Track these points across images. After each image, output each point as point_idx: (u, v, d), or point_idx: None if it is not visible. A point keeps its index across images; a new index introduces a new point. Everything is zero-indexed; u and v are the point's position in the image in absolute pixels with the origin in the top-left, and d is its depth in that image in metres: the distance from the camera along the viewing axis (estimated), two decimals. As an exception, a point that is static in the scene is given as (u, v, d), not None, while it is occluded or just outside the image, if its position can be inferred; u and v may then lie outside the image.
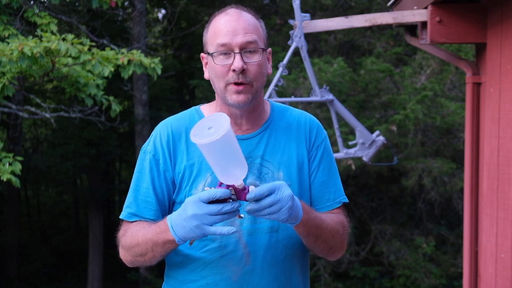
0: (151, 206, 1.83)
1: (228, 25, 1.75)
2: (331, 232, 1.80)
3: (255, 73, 1.77)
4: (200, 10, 13.25)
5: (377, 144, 5.00)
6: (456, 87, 9.80)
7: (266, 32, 1.85)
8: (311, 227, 1.73)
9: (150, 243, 1.72)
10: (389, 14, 4.19)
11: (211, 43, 1.79)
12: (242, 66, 1.74)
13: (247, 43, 1.75)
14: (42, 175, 16.28)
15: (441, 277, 9.77)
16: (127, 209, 1.86)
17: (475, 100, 3.91)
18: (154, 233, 1.71)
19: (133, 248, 1.78)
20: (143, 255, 1.76)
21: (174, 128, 1.86)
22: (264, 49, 1.79)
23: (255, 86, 1.78)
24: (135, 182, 1.87)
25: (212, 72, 1.80)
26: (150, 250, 1.73)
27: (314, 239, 1.77)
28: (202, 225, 1.58)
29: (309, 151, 1.89)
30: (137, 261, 1.81)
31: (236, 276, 1.79)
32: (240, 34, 1.74)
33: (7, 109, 7.78)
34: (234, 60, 1.74)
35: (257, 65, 1.77)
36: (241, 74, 1.75)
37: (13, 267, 14.54)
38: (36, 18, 7.04)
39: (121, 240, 1.84)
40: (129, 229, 1.82)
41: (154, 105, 13.15)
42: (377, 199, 11.19)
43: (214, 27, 1.79)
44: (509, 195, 3.50)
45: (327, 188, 1.89)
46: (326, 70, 9.16)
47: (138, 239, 1.76)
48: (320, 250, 1.83)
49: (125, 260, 1.86)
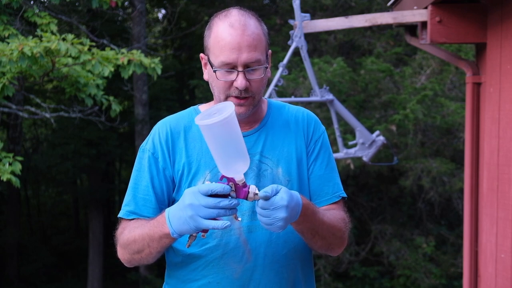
0: (150, 204, 1.82)
1: (232, 41, 1.72)
2: (330, 229, 1.80)
3: (257, 88, 1.78)
4: (200, 10, 13.25)
5: (377, 144, 5.00)
6: (456, 87, 9.80)
7: (267, 33, 1.84)
8: (306, 225, 1.72)
9: (147, 238, 1.70)
10: (389, 14, 4.19)
11: (214, 56, 1.77)
12: (245, 85, 1.74)
13: (251, 62, 1.74)
14: (42, 175, 16.28)
15: (441, 277, 9.77)
16: (126, 207, 1.85)
17: (475, 100, 3.91)
18: (151, 227, 1.70)
19: (130, 245, 1.76)
20: (139, 252, 1.75)
21: (173, 126, 1.86)
22: (266, 67, 1.79)
23: (257, 97, 1.80)
24: (134, 181, 1.86)
25: (213, 82, 1.80)
26: (147, 246, 1.72)
27: (310, 236, 1.77)
28: (196, 216, 1.56)
29: (307, 145, 1.90)
30: (134, 259, 1.79)
31: (238, 273, 1.79)
32: (244, 52, 1.72)
33: (7, 109, 7.78)
34: (238, 78, 1.74)
35: (259, 80, 1.78)
36: (243, 90, 1.75)
37: (13, 267, 14.53)
38: (36, 18, 7.04)
39: (119, 238, 1.82)
40: (127, 227, 1.81)
41: (154, 105, 13.14)
42: (377, 199, 11.19)
43: (217, 37, 1.75)
44: (509, 195, 3.50)
45: (325, 182, 1.89)
46: (326, 70, 9.16)
47: (135, 235, 1.74)
48: (318, 247, 1.83)
49: (122, 259, 1.84)
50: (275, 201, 1.57)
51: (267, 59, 1.81)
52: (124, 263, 1.86)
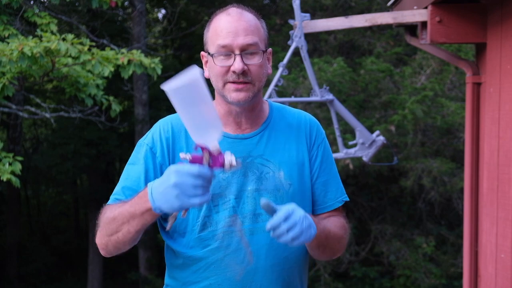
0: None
1: (229, 26, 1.75)
2: (336, 240, 1.83)
3: (256, 73, 1.77)
4: (200, 10, 13.25)
5: (377, 144, 5.00)
6: (456, 87, 9.79)
7: (267, 32, 1.85)
8: (321, 239, 1.74)
9: (127, 215, 1.65)
10: (389, 14, 4.19)
11: (211, 43, 1.78)
12: (242, 68, 1.74)
13: (248, 45, 1.75)
14: (42, 175, 16.27)
15: (441, 277, 9.76)
16: (114, 196, 1.81)
17: (475, 100, 3.91)
18: (132, 204, 1.65)
19: (108, 224, 1.71)
20: (117, 230, 1.69)
21: (175, 125, 1.86)
22: (264, 51, 1.79)
23: (257, 85, 1.79)
24: (126, 171, 1.84)
25: (212, 71, 1.80)
26: (126, 223, 1.66)
27: (323, 249, 1.79)
28: (183, 195, 1.52)
29: (310, 150, 1.89)
30: (111, 241, 1.73)
31: (239, 275, 1.79)
32: (241, 35, 1.74)
33: (7, 109, 7.78)
34: (235, 62, 1.74)
35: (258, 66, 1.77)
36: (241, 74, 1.75)
37: (13, 267, 14.53)
38: (36, 18, 7.03)
39: (99, 221, 1.77)
40: (108, 209, 1.76)
41: (154, 105, 13.14)
42: (377, 199, 11.19)
43: (215, 27, 1.78)
44: (509, 195, 3.50)
45: (329, 187, 1.90)
46: (326, 70, 9.16)
47: (115, 214, 1.69)
48: (326, 257, 1.86)
49: (100, 243, 1.78)
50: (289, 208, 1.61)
51: (266, 50, 1.81)
52: (100, 249, 1.80)
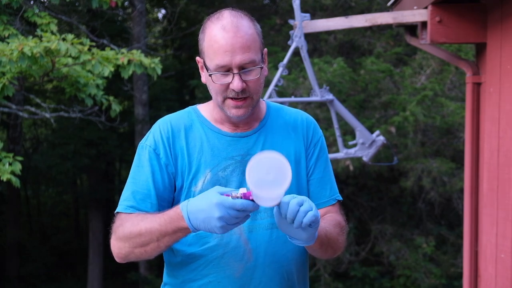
0: (149, 199, 1.80)
1: (225, 44, 1.72)
2: (336, 239, 1.83)
3: (254, 88, 1.78)
4: (200, 10, 13.25)
5: (377, 144, 5.00)
6: (456, 87, 9.79)
7: (261, 32, 1.84)
8: (321, 237, 1.74)
9: (157, 232, 1.67)
10: (389, 14, 4.19)
11: (209, 59, 1.77)
12: (242, 87, 1.74)
13: (246, 63, 1.74)
14: (42, 175, 16.27)
15: (441, 277, 9.76)
16: (125, 202, 1.81)
17: (475, 100, 3.91)
18: (162, 223, 1.67)
19: (133, 239, 1.72)
20: (144, 245, 1.71)
21: (174, 124, 1.86)
22: (261, 67, 1.78)
23: (255, 98, 1.80)
24: (133, 176, 1.84)
25: (211, 86, 1.80)
26: (155, 240, 1.69)
27: (324, 249, 1.80)
28: (226, 224, 1.59)
29: (307, 148, 1.91)
30: (135, 253, 1.75)
31: (238, 272, 1.80)
32: (238, 53, 1.72)
33: (7, 109, 7.78)
34: (233, 81, 1.74)
35: (256, 80, 1.77)
36: (240, 92, 1.75)
37: (13, 267, 14.53)
38: (36, 18, 7.03)
39: (117, 231, 1.77)
40: (128, 219, 1.76)
41: (154, 105, 13.14)
42: (377, 199, 11.19)
43: (210, 41, 1.76)
44: (509, 195, 3.50)
45: (324, 185, 1.92)
46: (326, 70, 9.16)
47: (140, 229, 1.70)
48: (327, 256, 1.86)
49: (118, 253, 1.79)
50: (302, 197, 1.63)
51: (263, 58, 1.80)
52: (117, 257, 1.81)
